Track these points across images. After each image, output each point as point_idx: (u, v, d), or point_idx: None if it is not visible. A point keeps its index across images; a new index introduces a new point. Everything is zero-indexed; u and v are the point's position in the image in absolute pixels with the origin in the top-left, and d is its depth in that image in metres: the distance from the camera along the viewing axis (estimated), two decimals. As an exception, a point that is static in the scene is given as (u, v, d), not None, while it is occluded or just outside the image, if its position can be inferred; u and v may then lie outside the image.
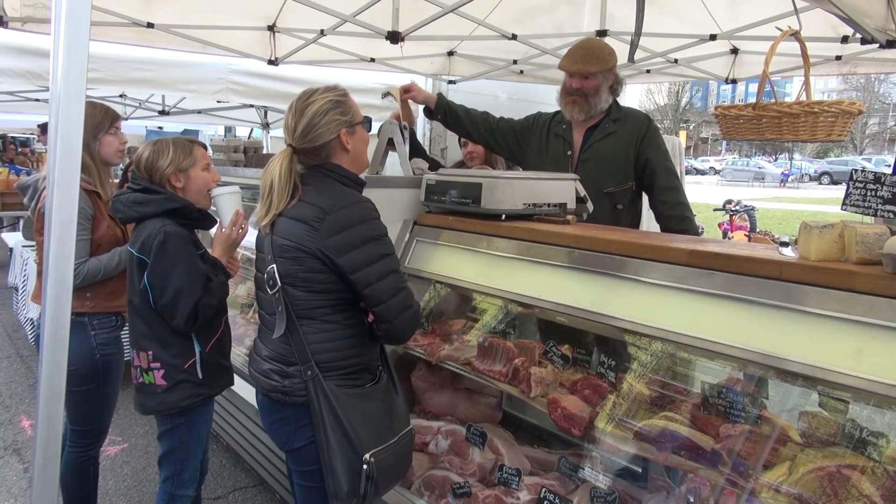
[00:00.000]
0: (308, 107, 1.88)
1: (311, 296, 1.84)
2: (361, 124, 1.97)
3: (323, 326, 1.86)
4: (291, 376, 1.86)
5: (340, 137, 1.89)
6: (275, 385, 1.89)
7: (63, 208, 1.44)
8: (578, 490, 2.18)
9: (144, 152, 2.35)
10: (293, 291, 1.85)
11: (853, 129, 3.01)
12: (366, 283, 1.81)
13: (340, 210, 1.80)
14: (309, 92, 1.92)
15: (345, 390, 1.85)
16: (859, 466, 1.50)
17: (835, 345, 1.55)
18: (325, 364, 1.85)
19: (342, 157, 1.94)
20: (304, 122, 1.87)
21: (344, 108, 1.91)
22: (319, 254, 1.79)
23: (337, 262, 1.78)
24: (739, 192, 21.98)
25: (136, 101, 8.11)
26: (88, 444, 2.73)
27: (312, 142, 1.87)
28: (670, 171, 3.00)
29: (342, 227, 1.79)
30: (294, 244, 1.82)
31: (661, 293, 1.93)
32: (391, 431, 1.92)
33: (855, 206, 1.74)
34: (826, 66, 4.63)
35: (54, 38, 1.37)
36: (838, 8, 1.83)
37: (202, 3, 4.37)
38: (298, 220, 1.82)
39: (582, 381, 2.14)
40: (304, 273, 1.82)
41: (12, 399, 4.67)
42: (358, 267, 1.79)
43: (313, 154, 1.91)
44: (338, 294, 1.85)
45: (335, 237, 1.78)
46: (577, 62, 2.94)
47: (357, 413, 1.84)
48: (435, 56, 5.60)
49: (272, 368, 1.90)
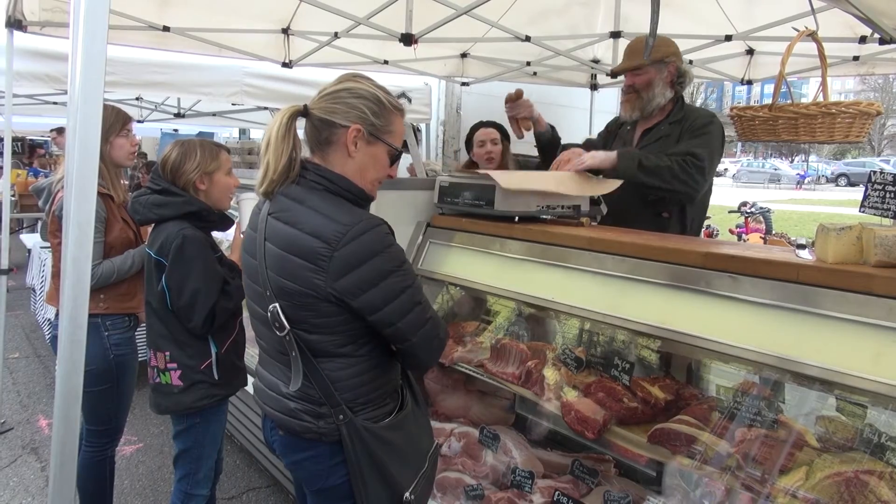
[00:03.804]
0: (351, 82, 1.65)
1: (329, 337, 1.61)
2: (387, 146, 1.67)
3: (346, 362, 1.63)
4: (325, 416, 1.64)
5: (351, 133, 1.60)
6: (308, 427, 1.65)
7: (81, 210, 1.45)
8: (592, 493, 2.17)
9: (172, 153, 2.36)
10: (307, 336, 1.60)
11: (871, 131, 2.97)
12: (387, 324, 1.59)
13: (350, 244, 1.51)
14: (366, 77, 1.69)
15: (376, 425, 1.67)
16: (877, 472, 1.48)
17: (853, 348, 1.53)
18: (354, 401, 1.65)
19: (346, 164, 1.63)
20: (334, 89, 1.64)
21: (381, 112, 1.64)
22: (333, 298, 1.54)
23: (352, 305, 1.54)
24: (755, 194, 21.77)
25: (151, 103, 8.20)
26: (104, 443, 2.76)
27: (324, 112, 1.61)
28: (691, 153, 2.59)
29: (354, 264, 1.52)
30: (300, 288, 1.55)
31: (675, 295, 1.92)
32: (423, 456, 1.79)
33: (873, 207, 1.72)
34: (843, 66, 4.59)
35: (72, 41, 1.39)
36: (856, 8, 1.81)
37: (217, 6, 4.41)
38: (299, 255, 1.55)
39: (595, 383, 2.13)
40: (318, 319, 1.58)
41: (30, 398, 4.73)
42: (378, 307, 1.56)
43: (316, 130, 1.64)
44: (361, 330, 1.62)
45: (347, 277, 1.52)
46: (623, 59, 2.84)
47: (392, 452, 1.68)
48: (448, 58, 5.61)
49: (301, 409, 1.65)
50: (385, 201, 2.71)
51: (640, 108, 2.81)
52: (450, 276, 2.64)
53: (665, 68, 2.77)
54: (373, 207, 2.78)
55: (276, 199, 1.64)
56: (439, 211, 2.82)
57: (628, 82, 2.82)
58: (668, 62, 2.77)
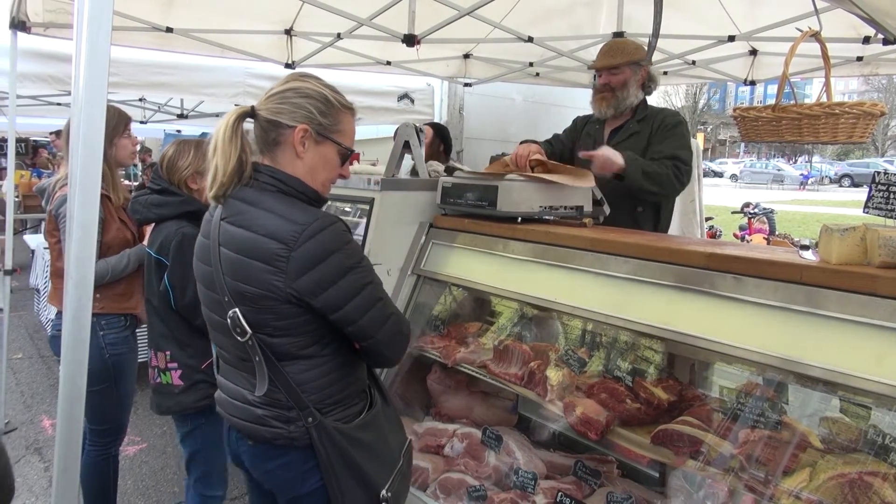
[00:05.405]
0: (297, 82, 1.63)
1: (292, 339, 1.58)
2: (337, 146, 1.65)
3: (311, 364, 1.61)
4: (294, 420, 1.61)
5: (297, 133, 1.58)
6: (278, 433, 1.62)
7: (85, 210, 1.46)
8: (595, 494, 2.16)
9: (168, 151, 2.38)
10: (270, 340, 1.58)
11: (875, 131, 2.96)
12: (349, 322, 1.57)
13: (307, 242, 1.50)
14: (313, 76, 1.67)
15: (346, 426, 1.65)
16: (881, 473, 1.48)
17: (856, 349, 1.52)
18: (323, 402, 1.62)
19: (296, 165, 1.61)
20: (281, 89, 1.62)
21: (328, 112, 1.62)
22: (293, 299, 1.52)
23: (313, 304, 1.53)
24: (758, 195, 21.75)
25: (155, 104, 8.22)
26: (107, 443, 2.77)
27: (271, 113, 1.59)
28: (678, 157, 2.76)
29: (313, 262, 1.50)
30: (259, 291, 1.53)
31: (678, 296, 1.91)
32: (396, 454, 1.78)
33: (877, 208, 1.72)
34: (847, 67, 4.58)
35: (76, 42, 1.39)
36: (860, 8, 1.80)
37: (220, 7, 4.43)
38: (257, 258, 1.52)
39: (598, 384, 2.13)
40: (280, 321, 1.55)
41: (34, 399, 4.74)
42: (338, 305, 1.54)
43: (264, 131, 1.61)
44: (323, 330, 1.60)
45: (306, 277, 1.50)
46: (602, 57, 2.97)
47: (365, 451, 1.67)
48: (451, 59, 5.62)
49: (269, 415, 1.63)
50: (388, 202, 2.72)
51: (615, 107, 2.96)
52: (452, 277, 2.64)
53: (639, 70, 2.95)
54: (377, 208, 2.78)
55: (228, 204, 1.61)
56: (442, 211, 2.83)
57: (604, 81, 2.96)
58: (642, 65, 2.96)
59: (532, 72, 5.67)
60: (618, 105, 2.94)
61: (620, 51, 2.93)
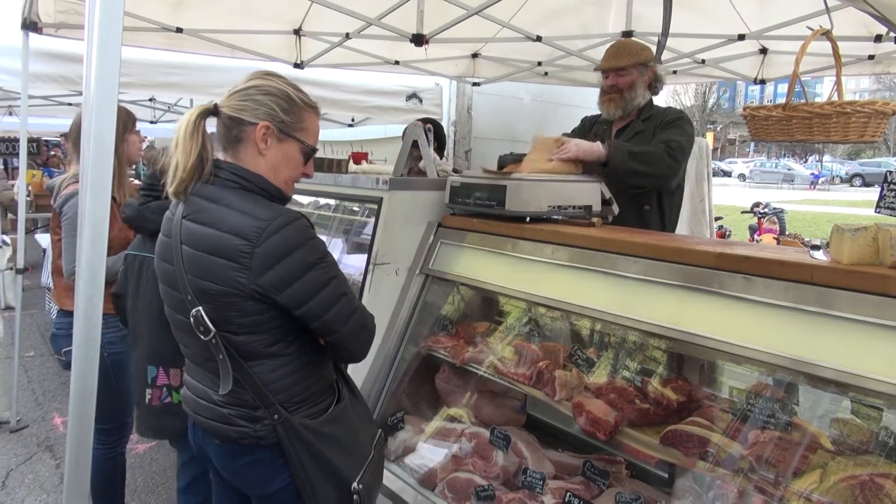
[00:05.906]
0: (260, 80, 1.63)
1: (256, 337, 1.58)
2: (300, 144, 1.65)
3: (276, 362, 1.61)
4: (260, 419, 1.61)
5: (259, 130, 1.58)
6: (244, 432, 1.62)
7: (95, 210, 1.47)
8: (603, 495, 2.16)
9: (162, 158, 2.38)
10: (234, 338, 1.57)
11: (887, 130, 2.94)
12: (315, 317, 1.57)
13: (271, 238, 1.49)
14: (277, 74, 1.67)
15: (314, 422, 1.65)
16: (893, 475, 1.47)
17: (868, 350, 1.51)
18: (289, 401, 1.62)
19: (258, 162, 1.61)
20: (243, 86, 1.62)
21: (291, 109, 1.62)
22: (257, 295, 1.51)
23: (277, 300, 1.52)
24: (768, 195, 21.62)
25: (165, 104, 8.26)
26: (113, 441, 2.79)
27: (233, 110, 1.59)
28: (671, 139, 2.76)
29: (277, 258, 1.50)
30: (223, 288, 1.52)
31: (688, 296, 1.91)
32: (366, 446, 1.78)
33: (889, 208, 1.71)
34: (858, 65, 4.54)
35: (87, 43, 1.40)
36: (871, 6, 1.79)
37: (230, 8, 4.45)
38: (220, 255, 1.51)
39: (607, 384, 2.12)
40: (244, 319, 1.55)
41: (45, 396, 4.78)
42: (303, 300, 1.54)
43: (226, 128, 1.61)
44: (288, 327, 1.60)
45: (270, 272, 1.50)
46: (609, 58, 2.97)
47: (334, 445, 1.67)
48: (459, 58, 5.62)
49: (235, 414, 1.62)
50: (396, 201, 2.72)
51: (622, 108, 2.96)
52: (461, 277, 2.64)
53: (646, 71, 2.95)
54: (385, 207, 2.77)
55: (189, 202, 1.61)
56: (450, 211, 2.83)
57: (611, 82, 2.95)
58: (649, 65, 2.95)
59: (540, 71, 5.66)
60: (625, 106, 2.94)
61: (627, 52, 2.93)
